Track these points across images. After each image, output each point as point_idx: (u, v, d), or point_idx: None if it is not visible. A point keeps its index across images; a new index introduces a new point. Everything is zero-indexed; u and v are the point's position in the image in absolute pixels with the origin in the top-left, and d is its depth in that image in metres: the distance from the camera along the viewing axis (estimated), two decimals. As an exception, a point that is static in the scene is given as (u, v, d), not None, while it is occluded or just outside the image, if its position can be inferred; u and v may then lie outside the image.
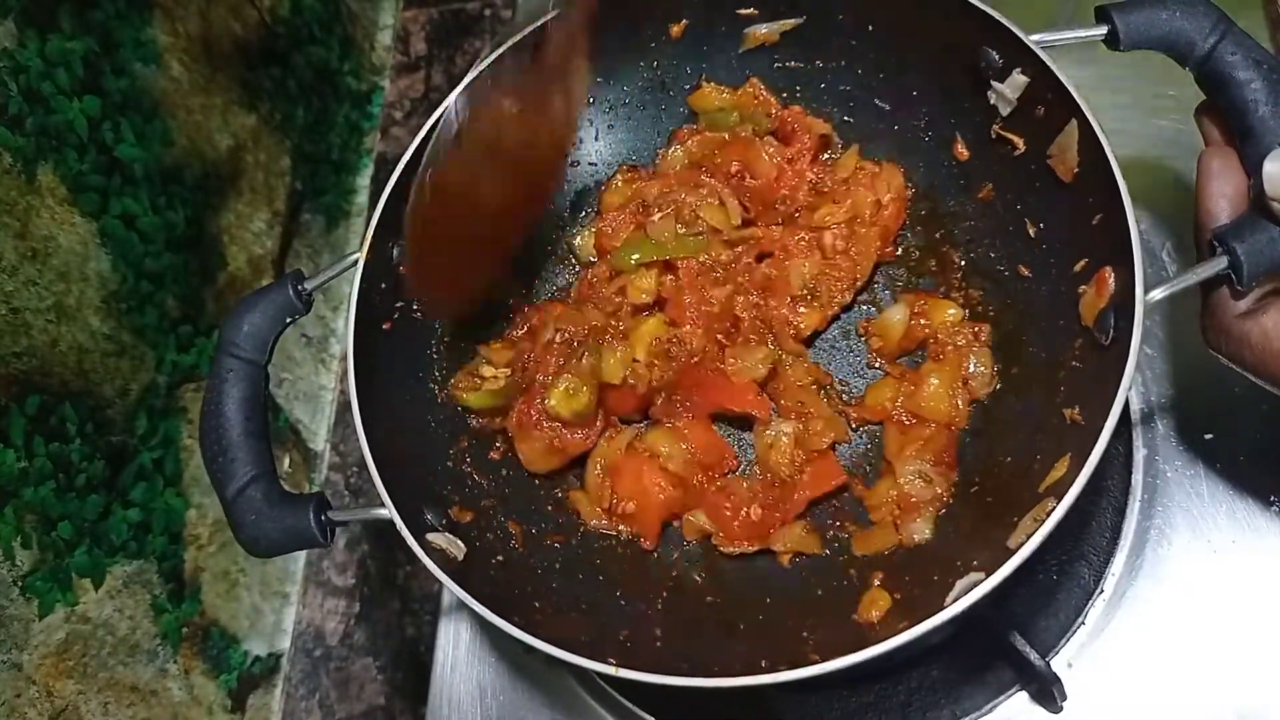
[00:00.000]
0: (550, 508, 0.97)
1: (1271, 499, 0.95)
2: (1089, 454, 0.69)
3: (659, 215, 0.98)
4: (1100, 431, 0.70)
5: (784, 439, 0.92)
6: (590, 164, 1.10)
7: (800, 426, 0.92)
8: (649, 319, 0.96)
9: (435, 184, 0.85)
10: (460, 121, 0.84)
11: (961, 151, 0.97)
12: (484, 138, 0.87)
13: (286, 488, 0.85)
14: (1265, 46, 0.78)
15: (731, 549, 0.92)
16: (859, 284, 0.99)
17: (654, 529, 0.93)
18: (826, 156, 1.04)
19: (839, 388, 0.98)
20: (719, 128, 1.03)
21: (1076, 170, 0.83)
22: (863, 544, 0.90)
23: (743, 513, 0.91)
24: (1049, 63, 0.83)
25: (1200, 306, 0.79)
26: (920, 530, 0.87)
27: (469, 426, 0.99)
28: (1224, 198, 0.75)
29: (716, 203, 0.99)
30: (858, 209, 0.98)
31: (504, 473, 0.99)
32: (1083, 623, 0.93)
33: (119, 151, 1.04)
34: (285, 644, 1.24)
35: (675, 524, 0.95)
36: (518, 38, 0.97)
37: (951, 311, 0.96)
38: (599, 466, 0.94)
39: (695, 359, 0.95)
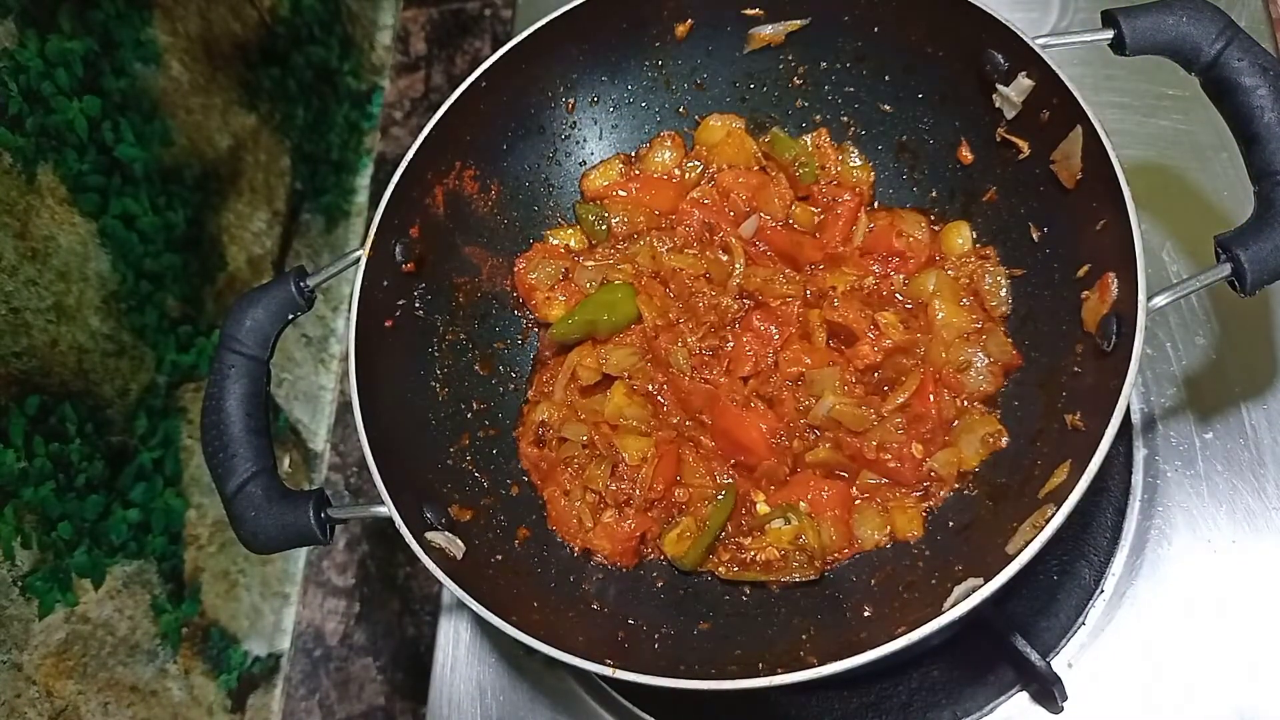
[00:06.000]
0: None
1: (1272, 499, 0.95)
2: (1089, 461, 0.69)
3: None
4: (1101, 439, 0.70)
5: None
6: (592, 164, 1.10)
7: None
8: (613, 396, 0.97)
9: None
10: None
11: (966, 155, 0.97)
12: None
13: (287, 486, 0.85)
14: (1267, 48, 0.78)
15: (730, 575, 0.92)
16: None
17: (628, 558, 0.94)
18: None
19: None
20: (779, 153, 1.04)
21: (1080, 177, 0.83)
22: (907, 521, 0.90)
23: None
24: (1054, 67, 0.83)
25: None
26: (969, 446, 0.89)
27: (470, 424, 0.99)
28: None
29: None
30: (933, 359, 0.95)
31: (504, 473, 0.99)
32: (1083, 623, 0.94)
33: (119, 151, 1.04)
34: (285, 644, 1.24)
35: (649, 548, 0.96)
36: (516, 40, 0.97)
37: (960, 240, 0.97)
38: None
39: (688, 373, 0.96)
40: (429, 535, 0.83)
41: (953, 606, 0.69)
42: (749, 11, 1.02)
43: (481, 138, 1.01)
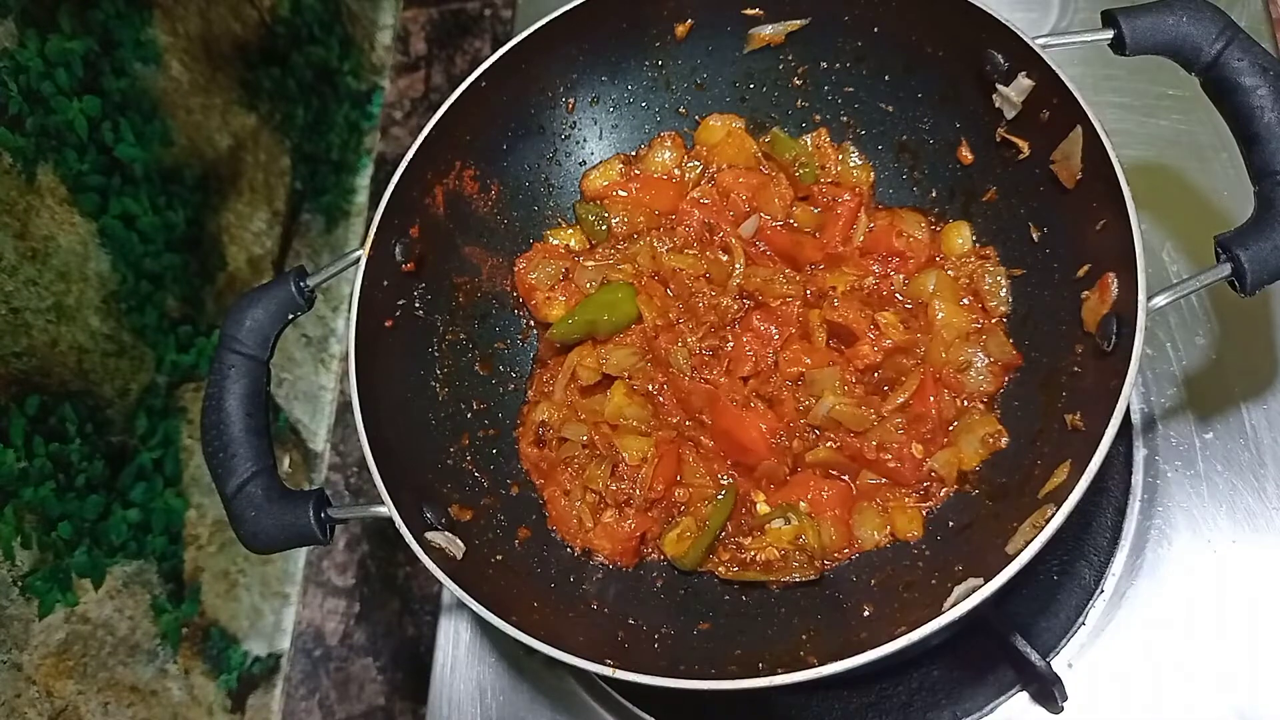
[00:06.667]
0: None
1: (1272, 499, 0.95)
2: (1089, 461, 0.69)
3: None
4: (1101, 439, 0.70)
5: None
6: (592, 165, 1.10)
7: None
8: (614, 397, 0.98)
9: None
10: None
11: (966, 155, 0.97)
12: None
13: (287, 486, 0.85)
14: (1267, 48, 0.78)
15: (730, 575, 0.92)
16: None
17: (628, 558, 0.94)
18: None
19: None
20: (780, 153, 1.04)
21: (1080, 177, 0.83)
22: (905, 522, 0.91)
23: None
24: (1054, 67, 0.83)
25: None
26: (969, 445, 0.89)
27: (470, 424, 0.99)
28: None
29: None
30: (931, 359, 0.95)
31: (504, 473, 0.99)
32: (1083, 623, 0.94)
33: (119, 151, 1.04)
34: (285, 644, 1.24)
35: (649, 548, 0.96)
36: (516, 40, 0.97)
37: (960, 240, 0.97)
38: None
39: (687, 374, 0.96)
40: (429, 535, 0.83)
41: (953, 606, 0.69)
42: (749, 11, 1.02)
43: (481, 138, 1.01)
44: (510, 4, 1.56)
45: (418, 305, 0.97)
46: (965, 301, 0.96)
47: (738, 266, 1.00)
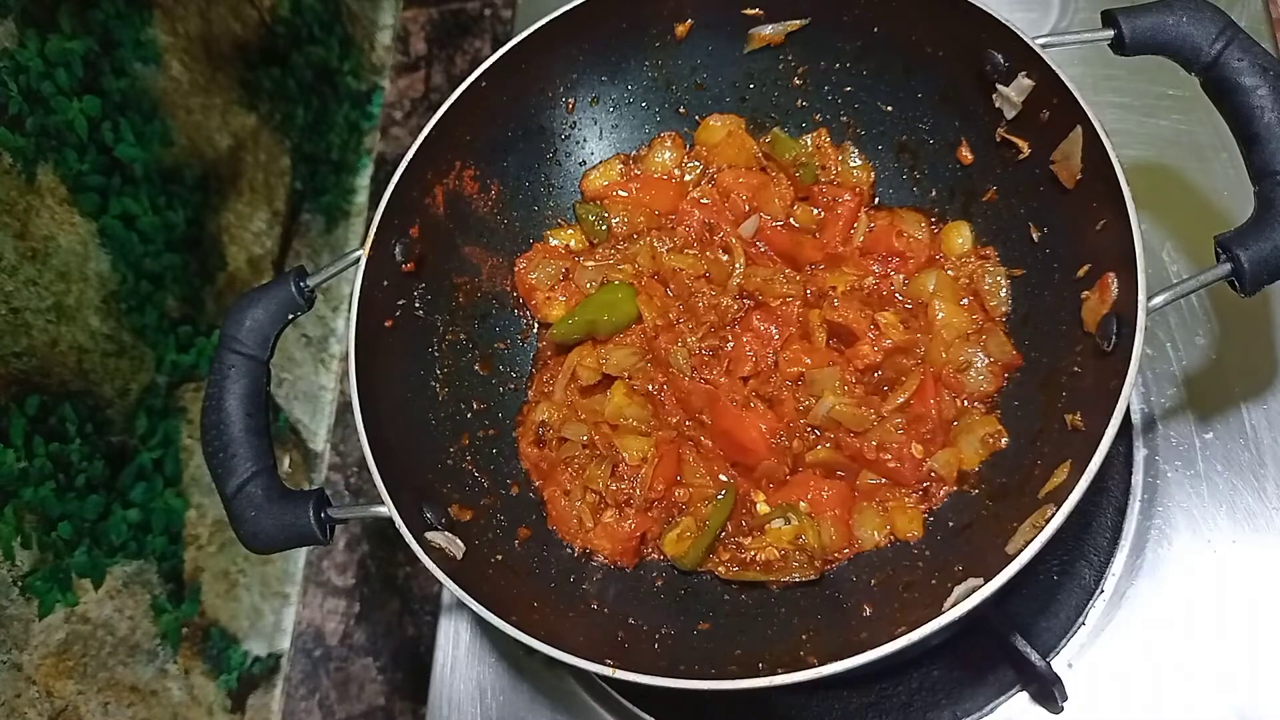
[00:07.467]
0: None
1: (1272, 499, 0.95)
2: (1089, 461, 0.69)
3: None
4: (1101, 439, 0.70)
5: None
6: (592, 165, 1.10)
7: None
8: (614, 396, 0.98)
9: None
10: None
11: (966, 155, 0.97)
12: None
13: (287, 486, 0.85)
14: (1267, 48, 0.78)
15: (730, 575, 0.92)
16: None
17: (628, 558, 0.94)
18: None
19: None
20: (780, 153, 1.04)
21: (1080, 177, 0.83)
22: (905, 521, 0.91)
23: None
24: (1054, 67, 0.83)
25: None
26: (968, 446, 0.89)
27: (470, 424, 0.99)
28: None
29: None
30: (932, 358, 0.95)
31: (504, 473, 0.99)
32: (1083, 623, 0.94)
33: (119, 151, 1.04)
34: (285, 644, 1.24)
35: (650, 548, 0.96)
36: (516, 40, 0.97)
37: (960, 240, 0.97)
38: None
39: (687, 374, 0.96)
40: (429, 535, 0.83)
41: (953, 606, 0.69)
42: (749, 11, 1.02)
43: (481, 138, 1.01)
44: (510, 4, 1.56)
45: (418, 305, 0.98)
46: (965, 301, 0.96)
47: (738, 266, 1.00)
